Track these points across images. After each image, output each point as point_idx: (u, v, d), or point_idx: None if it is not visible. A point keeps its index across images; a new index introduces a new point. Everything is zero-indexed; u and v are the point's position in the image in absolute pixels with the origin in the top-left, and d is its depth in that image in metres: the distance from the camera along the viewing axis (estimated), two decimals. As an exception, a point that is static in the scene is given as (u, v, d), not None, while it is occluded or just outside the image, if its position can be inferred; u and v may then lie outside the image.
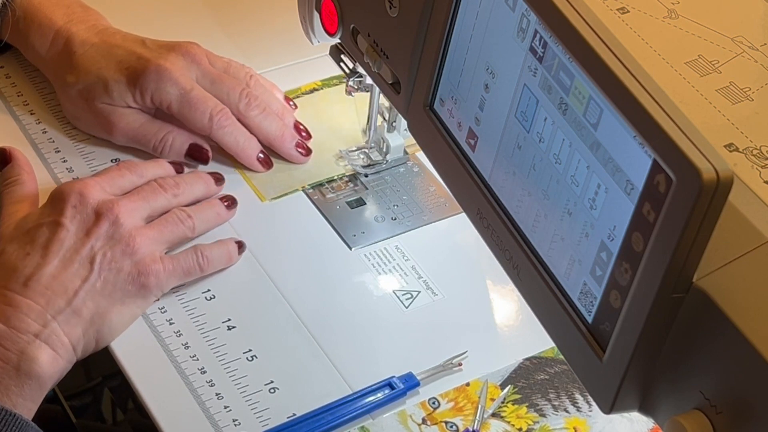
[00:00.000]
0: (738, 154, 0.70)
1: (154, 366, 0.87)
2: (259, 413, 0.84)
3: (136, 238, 0.88)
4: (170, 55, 0.99)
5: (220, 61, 1.03)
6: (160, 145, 1.00)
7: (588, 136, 0.65)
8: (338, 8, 0.91)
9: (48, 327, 0.83)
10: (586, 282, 0.66)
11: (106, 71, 0.99)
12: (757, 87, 0.75)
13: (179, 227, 0.92)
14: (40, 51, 1.04)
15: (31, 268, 0.85)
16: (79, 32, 1.02)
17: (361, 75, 0.98)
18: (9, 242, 0.87)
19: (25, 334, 0.82)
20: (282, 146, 1.02)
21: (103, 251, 0.87)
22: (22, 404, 0.80)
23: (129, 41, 1.02)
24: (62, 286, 0.85)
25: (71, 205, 0.88)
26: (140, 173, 0.94)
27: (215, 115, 0.98)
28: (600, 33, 0.63)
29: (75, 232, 0.87)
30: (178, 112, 0.99)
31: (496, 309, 0.94)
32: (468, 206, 0.78)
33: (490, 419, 0.86)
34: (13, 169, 0.95)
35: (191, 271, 0.91)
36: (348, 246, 0.97)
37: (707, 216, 0.57)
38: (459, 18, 0.76)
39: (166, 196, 0.93)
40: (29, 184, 0.94)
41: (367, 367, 0.88)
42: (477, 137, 0.76)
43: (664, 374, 0.64)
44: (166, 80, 0.98)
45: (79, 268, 0.86)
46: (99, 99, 1.00)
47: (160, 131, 1.00)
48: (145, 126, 1.00)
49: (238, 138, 1.00)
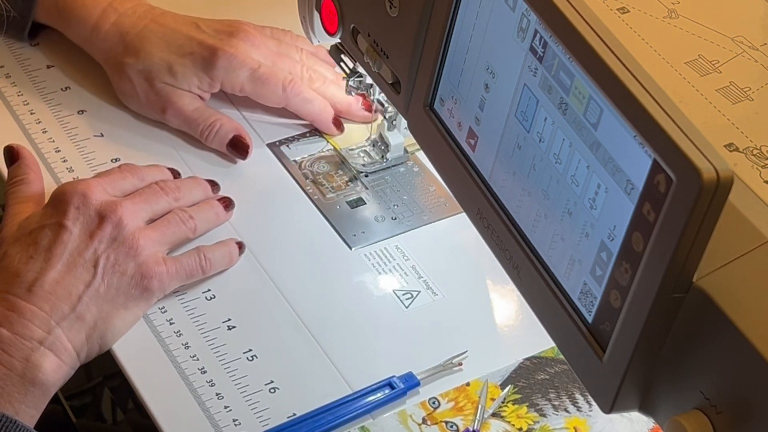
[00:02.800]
0: (738, 154, 0.70)
1: (154, 366, 0.87)
2: (259, 413, 0.84)
3: (140, 240, 0.88)
4: (232, 41, 1.02)
5: (271, 40, 1.06)
6: (207, 130, 1.02)
7: (588, 136, 0.65)
8: (338, 8, 0.91)
9: (52, 333, 0.83)
10: (586, 282, 0.66)
11: (168, 54, 1.02)
12: (757, 87, 0.75)
13: (181, 228, 0.92)
14: (84, 31, 1.06)
15: (34, 273, 0.84)
16: (126, 13, 1.05)
17: (361, 75, 0.98)
18: (12, 244, 0.87)
19: (29, 341, 0.82)
20: (350, 110, 1.06)
21: (107, 254, 0.86)
22: (25, 411, 0.80)
23: (182, 24, 1.04)
24: (66, 291, 0.84)
25: (74, 206, 0.88)
26: (141, 176, 0.94)
27: (287, 86, 1.03)
28: (600, 33, 0.63)
29: (78, 235, 0.87)
30: (251, 91, 1.03)
31: (496, 309, 0.94)
32: (468, 206, 0.78)
33: (490, 419, 0.86)
34: (20, 167, 0.95)
35: (194, 273, 0.91)
36: (348, 246, 0.97)
37: (707, 216, 0.57)
38: (459, 18, 0.76)
39: (167, 199, 0.93)
40: (35, 183, 0.94)
41: (367, 367, 0.88)
42: (477, 137, 0.76)
43: (664, 374, 0.64)
44: (235, 65, 1.01)
45: (82, 272, 0.85)
46: (160, 80, 1.02)
47: (211, 117, 1.03)
48: (198, 110, 1.03)
49: (314, 103, 1.04)
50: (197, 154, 1.03)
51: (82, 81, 1.09)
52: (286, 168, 1.03)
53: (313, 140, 1.06)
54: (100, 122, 1.05)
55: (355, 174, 1.03)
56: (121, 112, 1.06)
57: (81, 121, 1.05)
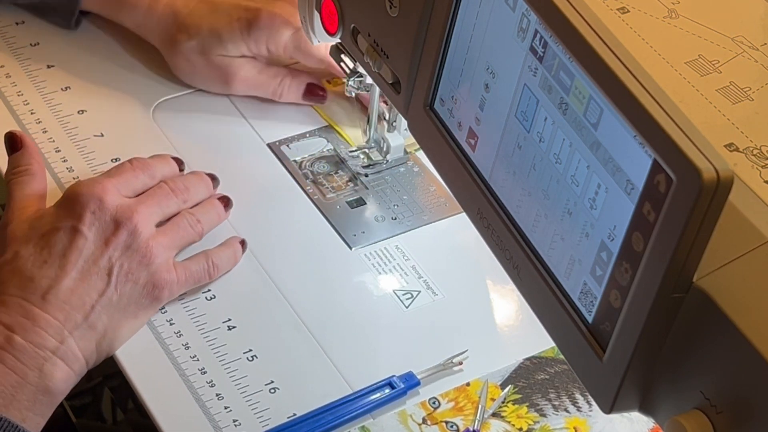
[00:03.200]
0: (738, 154, 0.70)
1: (154, 367, 0.87)
2: (259, 413, 0.84)
3: (153, 249, 0.87)
4: (277, 3, 1.03)
5: None
6: (279, 89, 1.05)
7: (588, 136, 0.65)
8: (338, 8, 0.91)
9: (65, 343, 0.82)
10: (586, 282, 0.66)
11: (217, 24, 1.03)
12: (757, 87, 0.75)
13: (189, 233, 0.92)
14: (137, 16, 1.07)
15: (48, 280, 0.84)
16: None
17: (361, 75, 0.98)
18: (23, 244, 0.86)
19: (42, 350, 0.81)
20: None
21: (120, 262, 0.86)
22: (32, 419, 0.80)
23: None
24: (80, 300, 0.84)
25: (90, 210, 0.86)
26: (152, 173, 0.93)
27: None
28: (600, 33, 0.63)
29: (93, 241, 0.86)
30: (294, 51, 1.04)
31: (496, 309, 0.94)
32: (468, 206, 0.78)
33: (490, 419, 0.86)
34: (24, 157, 0.93)
35: (201, 279, 0.91)
36: (348, 246, 0.97)
37: (707, 216, 0.57)
38: (459, 18, 0.76)
39: (178, 201, 0.93)
40: (40, 176, 0.92)
41: (367, 366, 0.88)
42: (477, 137, 0.76)
43: (664, 374, 0.64)
44: (278, 25, 1.03)
45: (96, 280, 0.85)
46: (214, 52, 1.04)
47: (278, 75, 1.05)
48: (263, 72, 1.05)
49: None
50: (198, 153, 1.03)
51: (82, 81, 1.09)
52: (286, 168, 1.03)
53: (313, 140, 1.06)
54: (100, 122, 1.05)
55: (355, 174, 1.03)
56: (121, 112, 1.06)
57: (81, 121, 1.05)
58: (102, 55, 1.11)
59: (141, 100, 1.08)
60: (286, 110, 1.08)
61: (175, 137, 1.04)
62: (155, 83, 1.09)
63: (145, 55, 1.11)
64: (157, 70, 1.10)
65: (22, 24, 1.14)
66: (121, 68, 1.10)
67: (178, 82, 1.09)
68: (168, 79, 1.09)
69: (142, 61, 1.11)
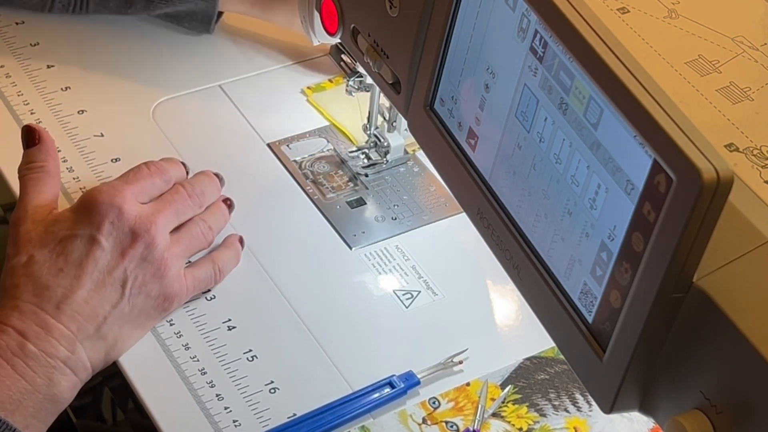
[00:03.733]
0: (738, 154, 0.70)
1: (154, 367, 0.87)
2: (259, 413, 0.84)
3: (168, 261, 0.87)
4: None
5: None
6: None
7: (588, 136, 0.65)
8: (338, 8, 0.91)
9: (75, 353, 0.82)
10: (586, 282, 0.66)
11: None
12: (757, 87, 0.75)
13: (201, 242, 0.92)
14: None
15: (63, 289, 0.83)
16: None
17: (361, 75, 0.98)
18: (39, 248, 0.85)
19: (53, 360, 0.81)
20: None
21: (135, 274, 0.85)
22: (35, 425, 0.80)
23: None
24: (93, 311, 0.83)
25: (109, 220, 0.85)
26: (167, 178, 0.92)
27: None
28: (600, 33, 0.63)
29: (110, 251, 0.85)
30: None
31: (496, 309, 0.94)
32: (468, 206, 0.78)
33: (490, 419, 0.86)
34: (40, 153, 0.91)
35: (208, 285, 0.91)
36: (348, 246, 0.97)
37: (707, 216, 0.57)
38: (459, 18, 0.76)
39: (193, 207, 0.92)
40: (55, 175, 0.91)
41: (367, 366, 0.88)
42: (477, 137, 0.76)
43: (664, 374, 0.64)
44: None
45: (111, 291, 0.84)
46: None
47: None
48: None
49: None
50: (198, 153, 1.03)
51: (82, 81, 1.09)
52: (286, 168, 1.03)
53: (313, 140, 1.06)
54: (100, 122, 1.05)
55: (355, 174, 1.03)
56: (121, 112, 1.06)
57: (81, 121, 1.05)
58: (102, 55, 1.11)
59: (141, 100, 1.08)
60: (286, 110, 1.08)
61: (175, 137, 1.04)
62: (155, 83, 1.09)
63: (145, 55, 1.11)
64: (157, 70, 1.10)
65: (22, 24, 1.14)
66: (121, 68, 1.10)
67: (178, 82, 1.09)
68: (168, 79, 1.09)
69: (142, 61, 1.11)
